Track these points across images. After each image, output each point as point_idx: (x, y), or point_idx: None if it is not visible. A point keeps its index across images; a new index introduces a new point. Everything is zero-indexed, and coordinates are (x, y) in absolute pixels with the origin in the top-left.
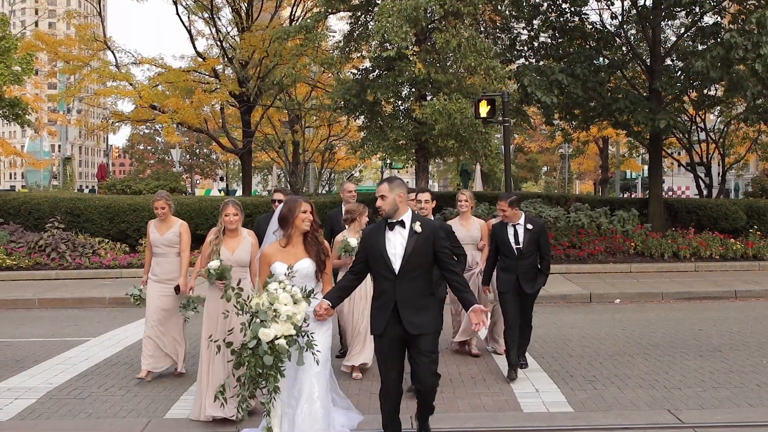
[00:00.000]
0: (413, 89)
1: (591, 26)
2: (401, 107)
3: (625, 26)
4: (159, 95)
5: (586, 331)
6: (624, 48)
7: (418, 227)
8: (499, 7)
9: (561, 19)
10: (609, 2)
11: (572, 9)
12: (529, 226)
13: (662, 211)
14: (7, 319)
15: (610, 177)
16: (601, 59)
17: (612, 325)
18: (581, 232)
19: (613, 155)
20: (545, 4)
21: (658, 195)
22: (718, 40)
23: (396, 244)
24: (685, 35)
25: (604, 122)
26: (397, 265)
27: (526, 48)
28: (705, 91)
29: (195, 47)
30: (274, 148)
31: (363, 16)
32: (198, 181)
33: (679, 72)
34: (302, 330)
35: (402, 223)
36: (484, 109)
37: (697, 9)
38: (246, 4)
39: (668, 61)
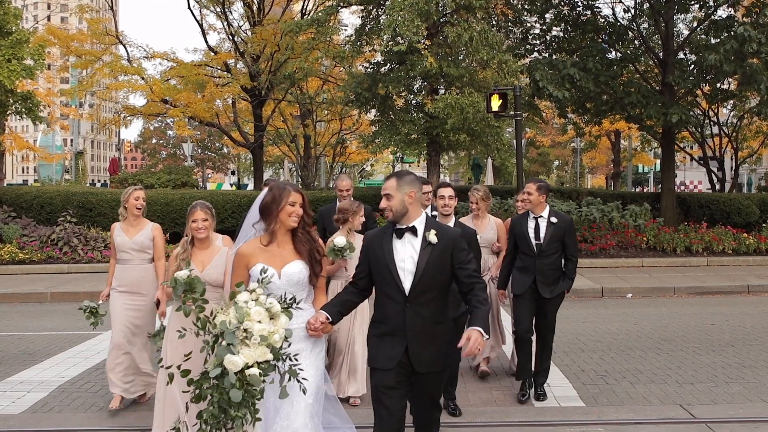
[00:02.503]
0: (425, 83)
1: (603, 20)
2: (413, 101)
3: (637, 20)
4: (171, 89)
5: (597, 326)
6: (636, 42)
7: (433, 237)
8: (512, 1)
9: (573, 12)
10: None
11: (585, 2)
12: (554, 220)
13: (674, 206)
14: (20, 312)
15: (622, 171)
16: (613, 53)
17: (624, 320)
18: (593, 227)
19: (625, 149)
20: None
21: (671, 189)
22: (732, 33)
23: (406, 257)
24: (698, 29)
25: (617, 116)
26: (407, 284)
27: (538, 42)
28: (718, 84)
29: (207, 41)
30: (286, 142)
31: (375, 9)
32: (210, 175)
33: (692, 66)
34: (282, 353)
35: (413, 230)
36: (496, 103)
37: (711, 2)
38: None
39: (681, 55)
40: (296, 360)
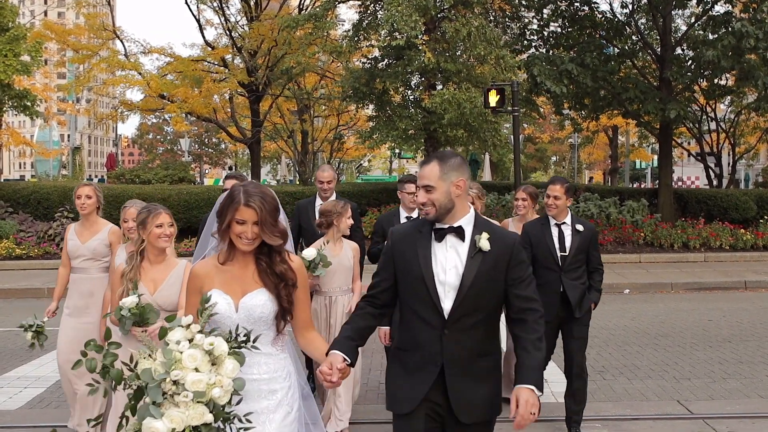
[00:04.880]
0: (422, 78)
1: (601, 15)
2: (410, 97)
3: (635, 15)
4: (168, 85)
5: (595, 322)
6: (634, 37)
7: (485, 242)
8: None
9: (571, 8)
10: None
11: None
12: (579, 227)
13: (672, 201)
14: (17, 308)
15: (620, 167)
16: (611, 48)
17: (621, 316)
18: (590, 222)
19: (623, 145)
20: None
21: (668, 185)
22: (729, 29)
23: (448, 267)
24: (696, 24)
25: (614, 112)
26: (447, 302)
27: (535, 37)
28: (716, 80)
29: (204, 37)
30: (283, 137)
31: (372, 5)
32: (207, 171)
33: (690, 61)
34: (228, 413)
35: (459, 232)
36: (493, 99)
37: None
38: None
39: (679, 51)
40: (248, 422)
